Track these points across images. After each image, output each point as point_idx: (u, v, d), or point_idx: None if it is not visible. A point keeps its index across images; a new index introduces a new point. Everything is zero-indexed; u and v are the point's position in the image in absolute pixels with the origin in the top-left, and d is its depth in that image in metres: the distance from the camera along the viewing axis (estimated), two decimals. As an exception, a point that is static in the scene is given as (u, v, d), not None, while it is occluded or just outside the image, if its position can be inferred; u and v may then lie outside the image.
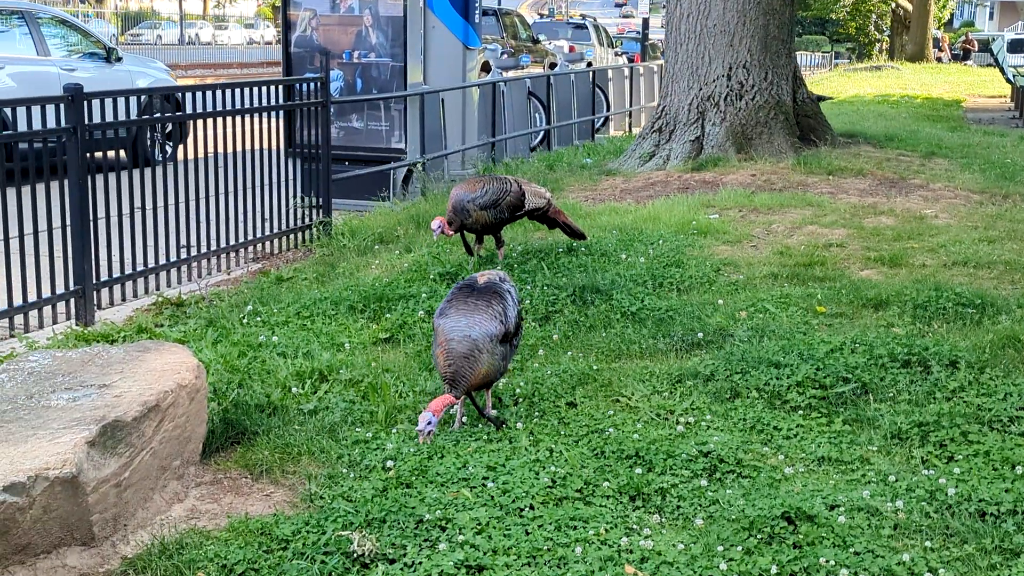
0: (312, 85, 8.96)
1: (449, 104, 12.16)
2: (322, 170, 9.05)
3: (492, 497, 4.06)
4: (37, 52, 12.96)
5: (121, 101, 7.14)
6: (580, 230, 7.50)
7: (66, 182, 6.55)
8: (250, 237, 8.30)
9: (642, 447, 4.47)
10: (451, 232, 7.12)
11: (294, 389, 5.19)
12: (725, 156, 10.23)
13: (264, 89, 8.49)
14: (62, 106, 6.47)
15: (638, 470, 4.28)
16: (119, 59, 14.05)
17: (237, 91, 8.22)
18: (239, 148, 8.13)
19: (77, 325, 6.59)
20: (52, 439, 3.70)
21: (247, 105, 8.19)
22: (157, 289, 7.34)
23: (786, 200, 8.68)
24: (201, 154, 7.85)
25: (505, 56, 18.47)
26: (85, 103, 6.59)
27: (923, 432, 4.65)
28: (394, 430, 4.71)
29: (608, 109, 17.81)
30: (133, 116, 7.22)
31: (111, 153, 7.13)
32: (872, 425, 4.78)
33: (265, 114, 8.47)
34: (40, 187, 6.42)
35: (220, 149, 8.05)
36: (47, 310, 6.55)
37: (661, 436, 4.60)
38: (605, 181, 10.08)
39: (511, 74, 15.87)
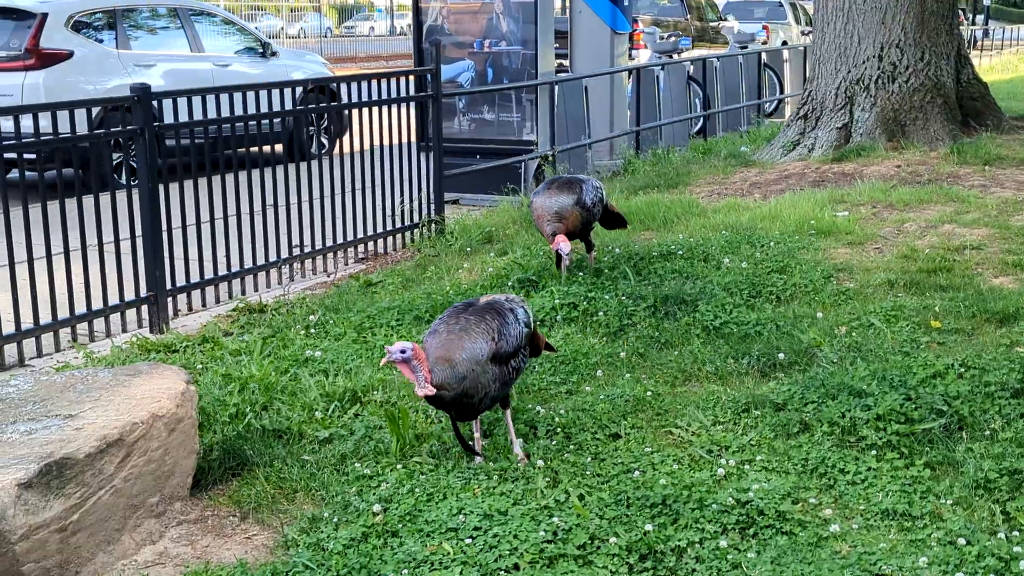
0: (426, 77, 8.61)
1: (594, 91, 11.62)
2: (434, 165, 8.67)
3: (475, 554, 3.57)
4: (191, 49, 13.02)
5: (197, 99, 6.87)
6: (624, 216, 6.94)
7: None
8: (350, 238, 7.98)
9: (671, 494, 3.89)
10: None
11: (317, 413, 4.80)
12: (873, 144, 9.33)
13: (378, 83, 8.15)
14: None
15: (650, 525, 3.70)
16: (274, 54, 14.07)
17: (351, 85, 7.90)
18: (357, 144, 7.82)
19: (151, 333, 6.41)
20: (-18, 480, 3.41)
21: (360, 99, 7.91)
22: (243, 293, 7.10)
23: (927, 195, 7.80)
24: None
25: (673, 39, 17.75)
26: (154, 103, 6.39)
27: (1015, 482, 3.93)
28: (400, 466, 4.25)
29: (781, 92, 16.85)
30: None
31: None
32: (957, 470, 4.08)
33: (386, 108, 8.11)
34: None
35: (338, 146, 7.78)
36: (115, 317, 6.38)
37: (697, 480, 4.01)
38: (738, 173, 9.35)
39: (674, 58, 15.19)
